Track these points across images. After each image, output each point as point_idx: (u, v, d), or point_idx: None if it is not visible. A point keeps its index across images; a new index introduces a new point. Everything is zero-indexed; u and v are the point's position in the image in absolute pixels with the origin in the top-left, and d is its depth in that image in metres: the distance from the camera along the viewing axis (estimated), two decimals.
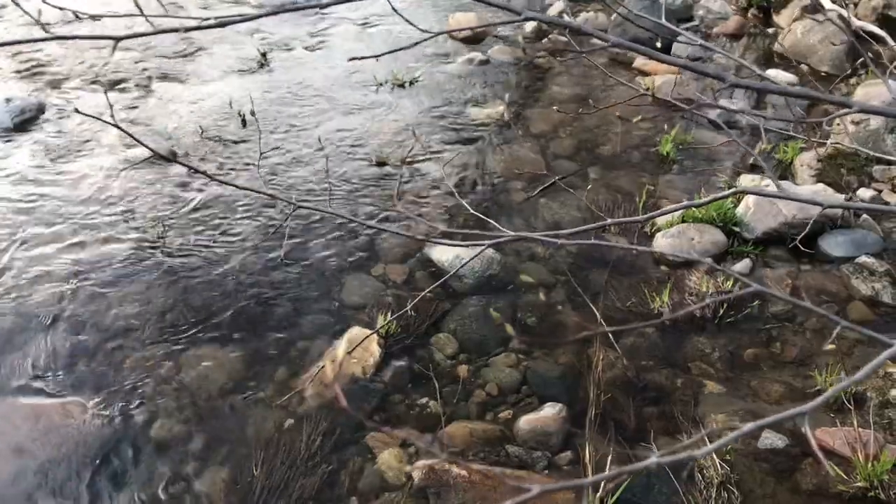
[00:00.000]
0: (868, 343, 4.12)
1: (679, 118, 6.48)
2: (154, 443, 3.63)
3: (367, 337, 4.01)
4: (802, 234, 3.36)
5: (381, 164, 5.87)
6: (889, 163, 5.36)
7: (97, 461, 3.53)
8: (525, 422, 3.68)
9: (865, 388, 3.76)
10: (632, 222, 1.38)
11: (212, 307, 4.44)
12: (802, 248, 4.56)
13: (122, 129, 1.63)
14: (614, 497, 3.21)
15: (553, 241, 1.39)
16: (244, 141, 6.23)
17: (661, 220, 5.07)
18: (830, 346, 4.08)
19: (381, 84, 7.23)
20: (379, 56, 1.57)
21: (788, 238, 4.75)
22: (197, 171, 1.64)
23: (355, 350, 4.04)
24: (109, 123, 1.63)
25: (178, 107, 6.79)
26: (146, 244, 4.95)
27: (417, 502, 3.32)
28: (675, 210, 1.55)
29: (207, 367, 4.04)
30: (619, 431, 3.63)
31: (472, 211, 2.21)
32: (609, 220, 1.39)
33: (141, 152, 6.00)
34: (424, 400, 3.82)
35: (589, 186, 5.65)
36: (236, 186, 1.75)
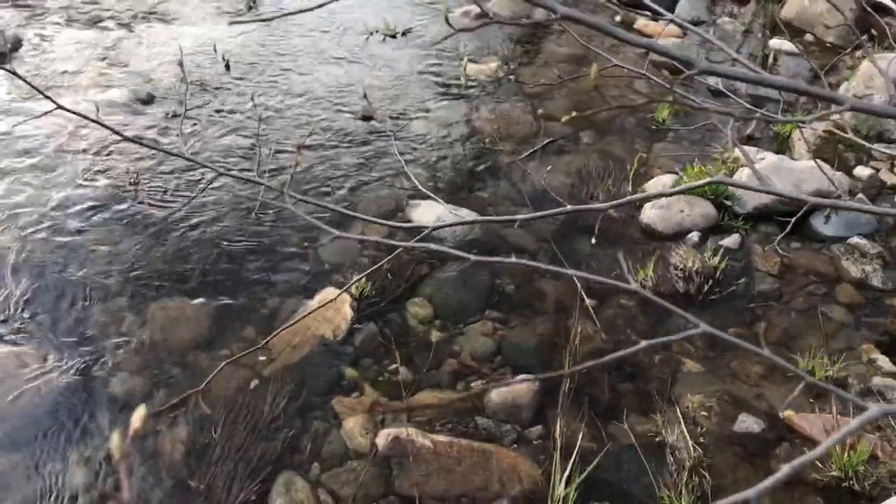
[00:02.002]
0: (855, 327, 4.02)
1: (677, 83, 6.27)
2: (112, 398, 3.52)
3: (339, 296, 3.88)
4: (794, 218, 3.22)
5: (366, 118, 5.67)
6: (891, 141, 5.20)
7: (51, 415, 3.41)
8: (496, 393, 3.57)
9: (847, 374, 3.66)
10: (594, 210, 1.25)
11: (181, 260, 4.29)
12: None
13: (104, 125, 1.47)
14: (583, 475, 3.12)
15: (510, 221, 1.25)
16: (226, 87, 6.02)
17: (651, 191, 4.92)
18: (815, 328, 3.98)
19: (371, 34, 6.98)
20: None
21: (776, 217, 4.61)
22: (118, 134, 1.48)
23: (327, 311, 3.91)
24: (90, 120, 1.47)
25: (159, 49, 6.55)
26: (118, 191, 4.78)
27: (380, 472, 3.23)
28: (641, 198, 1.40)
29: (173, 321, 3.92)
30: (593, 407, 3.53)
31: (420, 188, 2.05)
32: (569, 207, 1.25)
33: (119, 94, 5.80)
34: (395, 366, 3.71)
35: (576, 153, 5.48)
36: (160, 150, 1.60)
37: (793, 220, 3.19)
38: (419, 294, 4.14)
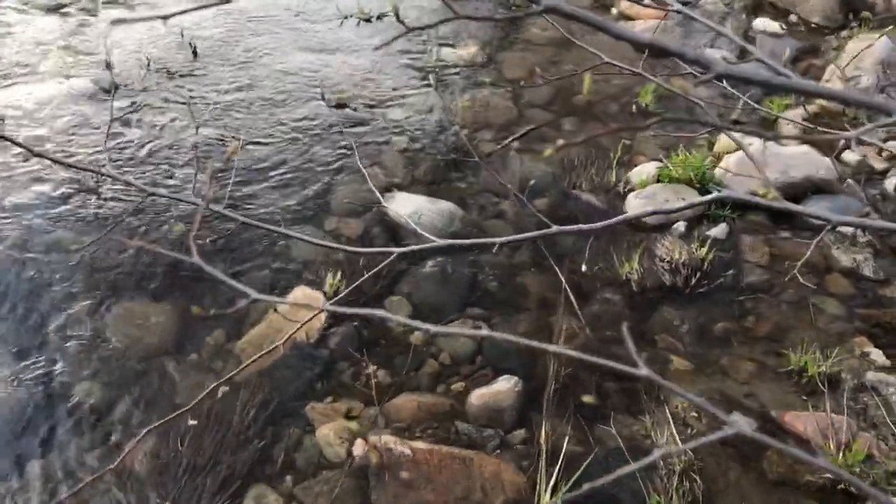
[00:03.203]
0: (847, 319, 3.89)
1: (661, 67, 6.11)
2: (73, 408, 3.33)
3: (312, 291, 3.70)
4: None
5: (339, 106, 5.47)
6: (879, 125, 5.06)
7: (10, 426, 3.22)
8: (477, 396, 3.41)
9: (840, 369, 3.53)
10: (583, 232, 1.11)
11: (146, 259, 4.09)
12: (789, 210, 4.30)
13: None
14: (570, 482, 2.98)
15: (490, 244, 1.09)
16: (193, 74, 5.78)
17: (634, 180, 4.77)
18: (806, 321, 3.85)
19: (346, 17, 6.74)
20: None
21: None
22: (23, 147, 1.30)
23: (299, 312, 3.73)
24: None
25: (124, 35, 6.28)
26: (79, 185, 4.56)
27: (357, 482, 3.07)
28: (639, 217, 1.24)
29: (138, 325, 3.73)
30: (578, 409, 3.38)
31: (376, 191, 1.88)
32: (554, 228, 1.09)
33: (83, 83, 5.55)
34: (372, 369, 3.54)
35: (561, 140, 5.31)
36: (67, 165, 1.41)
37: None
38: (397, 292, 3.97)
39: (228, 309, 3.62)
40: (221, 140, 4.99)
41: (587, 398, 3.45)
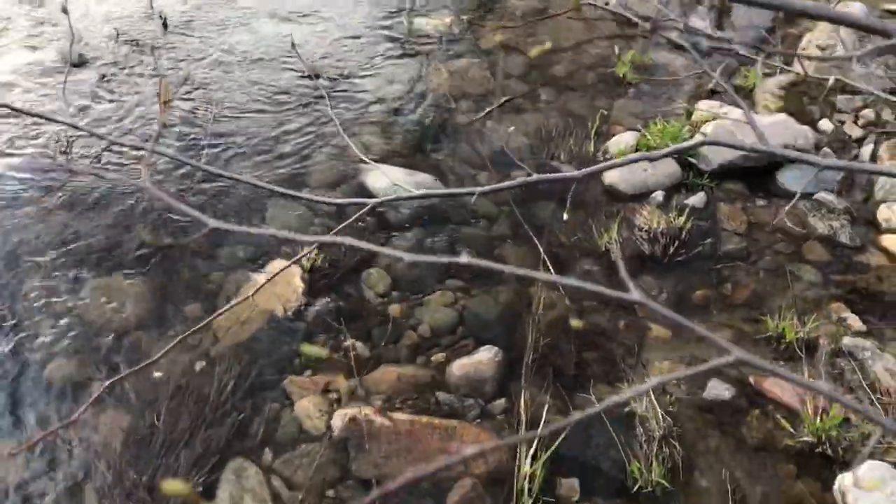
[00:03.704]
0: (823, 285, 3.92)
1: (638, 37, 6.09)
2: (46, 385, 3.27)
3: (287, 266, 3.66)
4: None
5: (313, 76, 5.38)
6: (855, 92, 5.08)
7: None
8: (458, 366, 3.40)
9: (817, 335, 3.56)
10: (564, 179, 1.08)
11: (119, 234, 4.01)
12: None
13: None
14: (549, 450, 2.98)
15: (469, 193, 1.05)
16: (163, 47, 5.65)
17: (612, 149, 4.75)
18: (783, 287, 3.87)
19: None
20: None
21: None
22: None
23: (276, 285, 3.69)
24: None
25: (93, 7, 6.12)
26: (47, 159, 4.45)
27: (337, 454, 3.04)
28: (623, 164, 1.21)
29: (112, 300, 3.66)
30: (558, 378, 3.38)
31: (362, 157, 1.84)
32: (534, 176, 1.05)
33: (48, 55, 5.41)
34: (351, 342, 3.51)
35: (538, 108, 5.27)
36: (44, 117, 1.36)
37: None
38: (376, 264, 3.93)
39: (190, 237, 3.58)
40: (194, 111, 4.89)
41: (575, 322, 3.48)
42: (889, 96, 4.04)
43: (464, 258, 0.76)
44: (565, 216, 3.81)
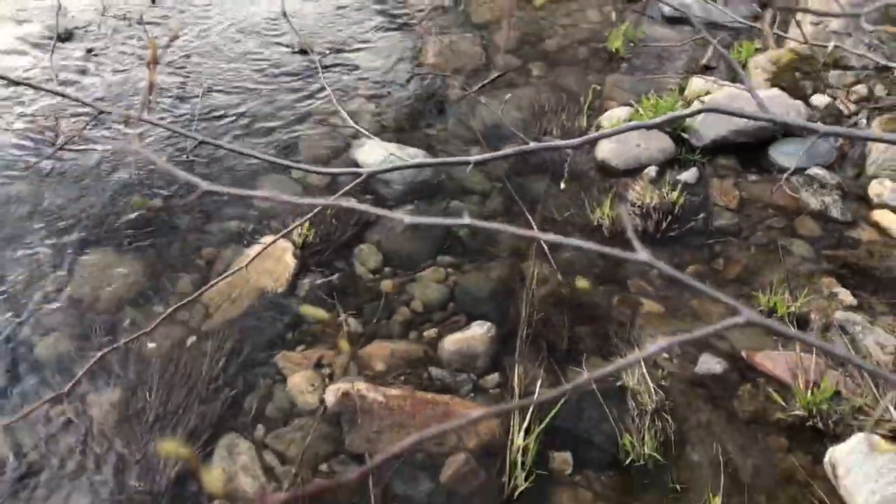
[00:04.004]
0: (815, 260, 3.92)
1: (630, 11, 6.04)
2: (37, 361, 3.25)
3: (275, 241, 3.63)
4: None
5: (303, 51, 5.32)
6: (847, 68, 5.07)
7: None
8: (450, 342, 3.39)
9: (809, 309, 3.57)
10: (561, 147, 1.07)
11: (109, 210, 3.98)
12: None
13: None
14: (542, 424, 2.98)
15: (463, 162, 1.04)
16: (153, 22, 5.57)
17: (605, 124, 4.72)
18: (775, 263, 3.87)
19: None
20: None
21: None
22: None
23: (267, 261, 3.67)
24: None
25: None
26: (36, 136, 4.40)
27: (330, 429, 3.04)
28: (620, 132, 1.19)
29: (102, 276, 3.64)
30: (551, 352, 3.38)
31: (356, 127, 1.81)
32: (532, 145, 1.04)
33: (35, 29, 5.33)
34: (343, 317, 3.49)
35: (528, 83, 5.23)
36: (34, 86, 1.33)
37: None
38: (367, 241, 3.91)
39: (183, 200, 3.56)
40: (184, 86, 4.84)
41: (581, 283, 3.48)
42: (889, 62, 4.01)
43: (465, 219, 0.74)
44: (562, 185, 3.80)
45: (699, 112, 1.09)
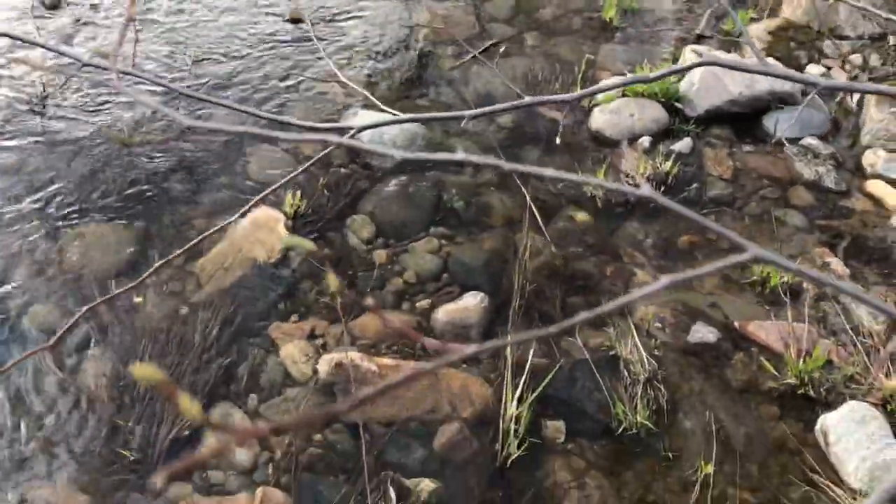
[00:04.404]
0: (808, 230, 3.93)
1: None
2: (27, 333, 3.23)
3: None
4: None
5: (295, 20, 5.24)
6: (842, 37, 5.03)
7: None
8: (443, 312, 3.39)
9: (802, 279, 3.57)
10: (557, 101, 1.05)
11: (99, 180, 3.93)
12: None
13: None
14: (535, 393, 2.99)
15: (458, 117, 1.02)
16: None
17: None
18: (769, 233, 3.87)
19: None
20: None
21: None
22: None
23: (260, 232, 3.64)
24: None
25: None
26: (23, 105, 4.34)
27: (323, 399, 3.04)
28: (615, 87, 1.17)
29: (93, 247, 3.60)
30: (544, 322, 3.37)
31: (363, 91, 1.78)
32: (527, 99, 1.02)
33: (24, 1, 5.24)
34: (335, 288, 3.48)
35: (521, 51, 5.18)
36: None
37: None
38: (360, 211, 3.89)
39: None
40: (173, 55, 4.77)
41: (580, 216, 3.50)
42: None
43: (459, 154, 0.72)
44: (557, 140, 3.78)
45: (698, 65, 1.07)
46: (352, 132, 0.98)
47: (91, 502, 2.68)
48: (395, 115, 1.19)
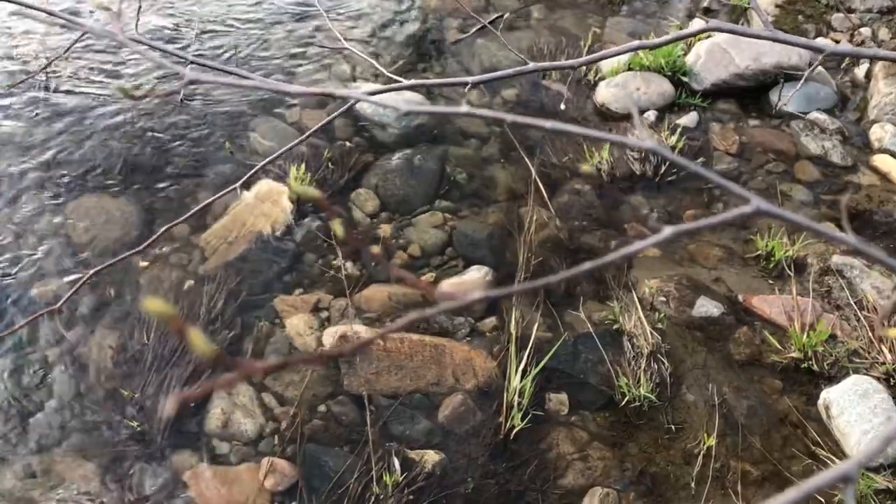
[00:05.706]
0: (814, 205, 3.91)
1: None
2: (34, 303, 3.24)
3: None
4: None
5: None
6: (851, 10, 4.98)
7: None
8: (448, 286, 3.39)
9: (806, 253, 3.57)
10: (563, 67, 1.03)
11: (104, 153, 3.92)
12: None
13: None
14: (539, 366, 3.00)
15: (461, 83, 1.01)
16: None
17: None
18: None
19: None
20: None
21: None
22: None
23: (264, 204, 3.64)
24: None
25: None
26: (27, 77, 4.32)
27: (328, 371, 3.06)
28: (623, 52, 1.16)
29: (98, 219, 3.61)
30: (548, 296, 3.38)
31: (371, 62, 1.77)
32: (531, 65, 1.01)
33: None
34: (340, 261, 3.49)
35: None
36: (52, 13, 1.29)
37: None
38: (364, 185, 3.88)
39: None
40: (176, 27, 4.74)
41: (586, 167, 3.49)
42: None
43: (464, 107, 0.72)
44: (563, 106, 3.76)
45: (704, 31, 1.06)
46: (358, 95, 0.98)
47: (96, 471, 2.71)
48: (399, 80, 1.18)
